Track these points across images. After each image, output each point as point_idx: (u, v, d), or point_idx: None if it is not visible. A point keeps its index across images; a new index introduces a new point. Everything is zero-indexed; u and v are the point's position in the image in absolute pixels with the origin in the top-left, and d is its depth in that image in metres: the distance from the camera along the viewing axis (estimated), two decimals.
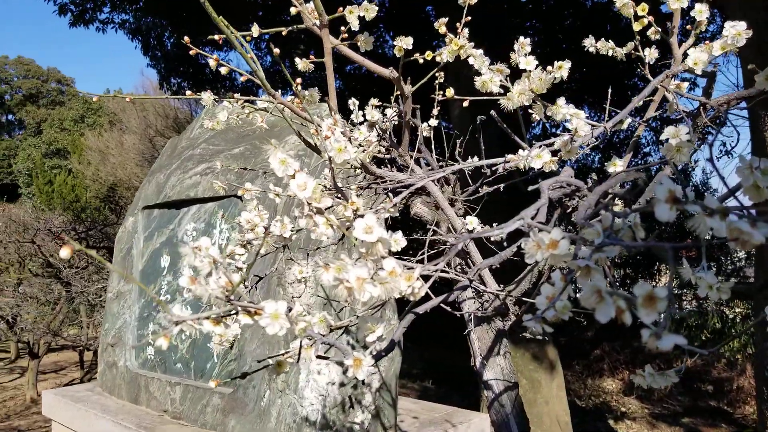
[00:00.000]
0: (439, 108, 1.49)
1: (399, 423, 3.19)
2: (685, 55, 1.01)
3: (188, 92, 0.96)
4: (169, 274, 3.63)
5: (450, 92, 1.06)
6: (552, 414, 5.87)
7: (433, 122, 1.56)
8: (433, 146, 1.60)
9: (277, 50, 0.84)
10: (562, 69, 0.90)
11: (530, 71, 0.94)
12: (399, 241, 0.80)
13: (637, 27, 1.11)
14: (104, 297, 7.99)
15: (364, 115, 1.42)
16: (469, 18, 1.10)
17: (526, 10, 8.03)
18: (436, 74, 1.33)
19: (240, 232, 0.98)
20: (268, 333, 0.55)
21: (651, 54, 1.12)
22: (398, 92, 1.40)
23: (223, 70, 0.98)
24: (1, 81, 40.22)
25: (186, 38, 0.89)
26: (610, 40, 1.12)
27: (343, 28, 1.04)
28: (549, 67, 0.92)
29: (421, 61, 1.11)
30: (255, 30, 0.99)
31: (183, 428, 3.12)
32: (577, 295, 0.53)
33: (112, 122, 18.83)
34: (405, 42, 1.06)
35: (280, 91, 1.14)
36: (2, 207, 14.02)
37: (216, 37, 0.90)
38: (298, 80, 0.89)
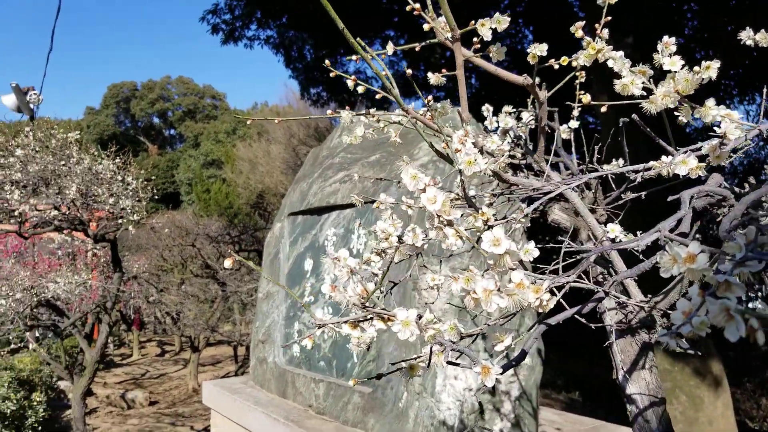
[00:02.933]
0: (579, 109, 1.45)
1: None
2: None
3: (329, 111, 1.03)
4: (312, 277, 3.83)
5: (586, 98, 1.03)
6: None
7: (573, 124, 1.52)
8: (573, 148, 1.56)
9: (409, 71, 0.88)
10: (711, 69, 0.84)
11: (675, 72, 0.89)
12: (531, 251, 0.80)
13: None
14: (255, 296, 8.58)
15: (498, 121, 1.42)
16: (609, 18, 1.07)
17: None
18: (577, 74, 1.30)
19: (376, 239, 1.03)
20: (400, 338, 0.58)
21: None
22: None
23: (360, 89, 1.04)
24: (165, 99, 44.69)
25: (326, 62, 0.96)
26: None
27: (475, 39, 1.05)
28: (696, 68, 0.87)
29: (556, 67, 1.09)
30: (390, 48, 1.03)
31: (326, 423, 3.27)
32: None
33: (260, 133, 20.16)
34: (539, 49, 1.04)
35: (412, 103, 1.18)
36: (167, 214, 15.50)
37: (354, 57, 0.95)
38: (429, 97, 0.92)
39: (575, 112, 1.48)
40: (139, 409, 8.36)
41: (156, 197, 6.23)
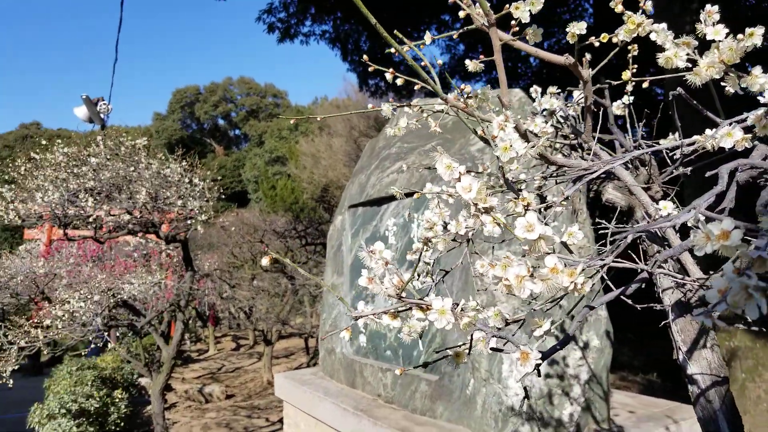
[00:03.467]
0: (633, 84, 1.42)
1: (613, 417, 3.06)
2: None
3: (369, 105, 1.05)
4: None
5: (626, 74, 1.01)
6: None
7: (626, 99, 1.49)
8: (629, 124, 1.52)
9: (440, 61, 0.88)
10: (754, 36, 0.81)
11: (719, 42, 0.86)
12: (574, 234, 0.79)
13: None
14: (322, 288, 8.76)
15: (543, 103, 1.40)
16: None
17: None
18: (629, 47, 1.26)
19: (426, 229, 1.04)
20: (436, 327, 0.59)
21: None
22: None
23: (399, 82, 1.05)
24: (228, 100, 45.90)
25: (365, 57, 0.97)
26: None
27: (513, 22, 1.05)
28: (740, 35, 0.83)
29: (596, 44, 1.07)
30: (428, 37, 1.04)
31: (395, 412, 3.32)
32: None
33: (321, 128, 20.41)
34: (578, 27, 1.03)
35: (464, 85, 1.18)
36: (235, 212, 15.98)
37: (392, 50, 0.96)
38: (463, 86, 0.92)
39: (629, 87, 1.44)
40: (217, 403, 8.69)
41: (224, 196, 6.42)
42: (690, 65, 0.92)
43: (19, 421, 7.04)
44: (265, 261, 0.64)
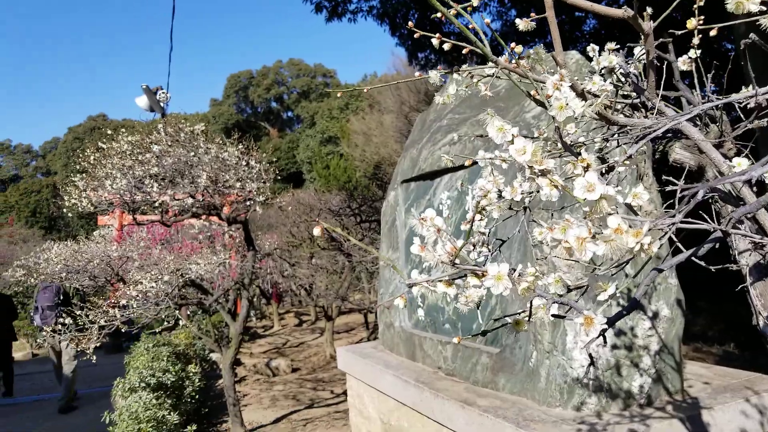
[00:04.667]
0: (700, 37, 1.33)
1: (687, 388, 2.95)
2: None
3: (417, 73, 1.02)
4: None
5: (691, 23, 0.93)
6: None
7: (693, 53, 1.40)
8: (696, 80, 1.43)
9: (487, 20, 0.84)
10: None
11: None
12: (640, 195, 0.75)
13: None
14: (379, 264, 8.80)
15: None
16: None
17: None
18: None
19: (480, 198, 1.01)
20: (493, 293, 0.57)
21: None
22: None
23: (446, 46, 1.02)
24: (280, 83, 46.40)
25: (410, 23, 0.95)
26: None
27: None
28: None
29: None
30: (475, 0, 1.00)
31: (457, 384, 3.31)
32: None
33: (371, 105, 20.37)
34: None
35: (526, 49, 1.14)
36: (291, 192, 16.23)
37: (438, 15, 0.93)
38: (513, 45, 0.88)
39: (695, 41, 1.36)
40: (283, 376, 8.93)
41: (279, 178, 6.50)
42: (764, 8, 0.85)
43: (104, 394, 7.47)
44: (316, 231, 0.64)
